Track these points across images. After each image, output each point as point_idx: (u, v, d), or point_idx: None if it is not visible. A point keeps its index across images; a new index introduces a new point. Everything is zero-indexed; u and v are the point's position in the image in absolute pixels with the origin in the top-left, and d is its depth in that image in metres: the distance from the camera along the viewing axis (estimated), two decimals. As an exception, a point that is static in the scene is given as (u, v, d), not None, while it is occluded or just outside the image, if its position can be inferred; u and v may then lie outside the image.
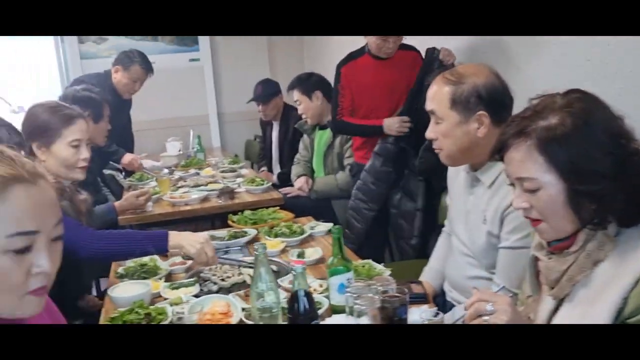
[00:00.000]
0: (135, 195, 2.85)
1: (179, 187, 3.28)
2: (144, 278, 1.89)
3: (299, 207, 3.07)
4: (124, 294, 1.71)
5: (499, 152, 1.24)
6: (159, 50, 4.87)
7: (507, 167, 1.23)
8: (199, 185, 3.27)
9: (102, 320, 1.59)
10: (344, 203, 3.20)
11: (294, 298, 1.25)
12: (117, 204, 2.81)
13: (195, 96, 5.05)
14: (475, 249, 1.74)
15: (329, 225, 2.38)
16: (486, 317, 1.14)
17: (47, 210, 0.96)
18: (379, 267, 1.86)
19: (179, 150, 4.21)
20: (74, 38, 4.67)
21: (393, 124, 2.74)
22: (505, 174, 1.25)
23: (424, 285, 1.81)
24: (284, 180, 3.77)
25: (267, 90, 3.95)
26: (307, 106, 3.38)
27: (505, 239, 1.64)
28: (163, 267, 1.99)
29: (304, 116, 3.42)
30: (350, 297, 1.42)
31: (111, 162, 3.70)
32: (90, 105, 2.84)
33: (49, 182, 0.99)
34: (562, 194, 1.15)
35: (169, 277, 1.95)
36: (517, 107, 1.41)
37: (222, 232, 2.35)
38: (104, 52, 4.68)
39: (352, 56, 2.99)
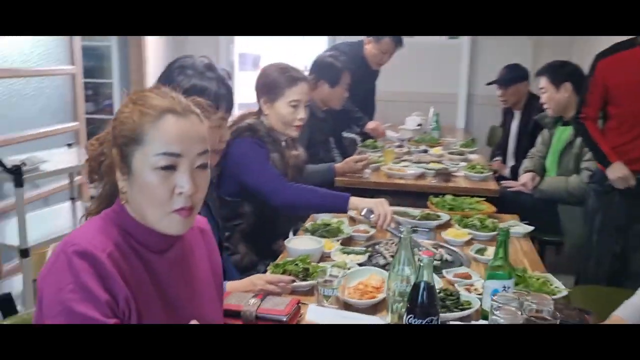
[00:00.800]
0: (354, 160, 3.00)
1: (402, 161, 3.35)
2: (323, 237, 2.02)
3: (517, 204, 2.88)
4: (297, 246, 1.86)
5: None
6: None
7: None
8: (422, 162, 3.29)
9: (270, 267, 1.75)
10: (575, 212, 2.89)
11: (415, 288, 1.22)
12: (337, 165, 3.00)
13: (447, 74, 5.01)
14: None
15: (529, 228, 2.21)
16: None
17: (193, 140, 1.09)
18: (557, 284, 1.68)
19: (418, 125, 4.26)
20: None
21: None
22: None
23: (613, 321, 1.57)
24: (517, 174, 3.55)
25: (510, 74, 3.73)
26: (552, 96, 3.09)
27: None
28: (346, 230, 2.09)
29: (545, 106, 3.14)
30: (493, 304, 1.32)
31: (353, 127, 3.94)
32: (329, 70, 3.08)
33: (202, 119, 1.14)
34: None
35: (348, 241, 2.05)
36: None
37: (416, 211, 2.35)
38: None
39: (616, 48, 2.60)
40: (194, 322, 1.10)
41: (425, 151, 3.71)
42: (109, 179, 1.15)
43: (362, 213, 2.02)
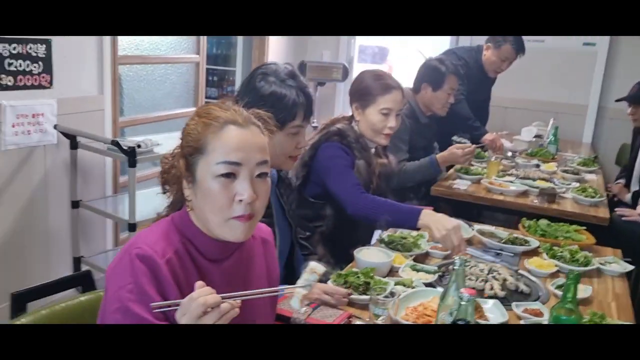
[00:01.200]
0: (458, 148, 2.91)
1: (507, 174, 3.19)
2: (397, 250, 1.99)
3: (629, 235, 2.63)
4: (364, 257, 1.85)
5: None
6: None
7: None
8: (528, 179, 3.10)
9: (332, 276, 1.76)
10: None
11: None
12: (439, 155, 2.93)
13: (577, 83, 4.65)
14: None
15: (628, 267, 2.01)
16: None
17: (252, 149, 1.14)
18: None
19: (534, 137, 4.01)
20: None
21: None
22: None
23: None
24: (638, 201, 3.23)
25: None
26: None
27: None
28: (423, 246, 2.04)
29: None
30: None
31: (467, 135, 3.78)
32: (433, 74, 3.01)
33: (262, 130, 1.19)
34: None
35: (423, 258, 2.00)
36: None
37: (503, 233, 2.24)
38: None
39: None
40: None
41: (537, 166, 3.49)
42: (177, 188, 1.23)
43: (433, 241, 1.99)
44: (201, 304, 0.99)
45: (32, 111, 2.81)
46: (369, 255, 1.87)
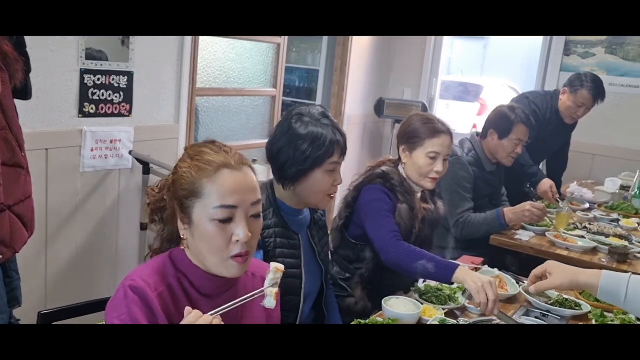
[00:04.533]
0: (530, 205, 2.78)
1: (578, 228, 2.99)
2: (430, 302, 1.92)
3: None
4: (391, 307, 1.80)
5: None
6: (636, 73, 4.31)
7: None
8: (601, 235, 2.90)
9: (354, 322, 1.72)
10: None
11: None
12: (506, 210, 2.81)
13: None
14: None
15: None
16: None
17: (246, 191, 1.20)
18: None
19: (618, 189, 3.74)
20: (561, 47, 4.60)
21: None
22: None
23: None
24: None
25: None
26: None
27: None
28: (459, 300, 1.96)
29: None
30: None
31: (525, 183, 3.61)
32: (501, 121, 2.91)
33: (254, 170, 1.24)
34: None
35: (457, 312, 1.92)
36: None
37: (553, 293, 2.09)
38: (586, 67, 4.47)
39: None
40: None
41: (617, 221, 3.25)
42: (170, 226, 1.29)
43: (465, 295, 1.91)
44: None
45: (111, 137, 3.03)
46: (398, 306, 1.82)
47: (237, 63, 3.80)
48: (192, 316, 1.07)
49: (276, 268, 1.26)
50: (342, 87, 4.83)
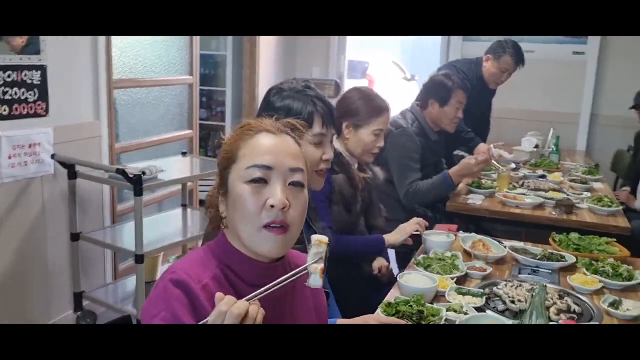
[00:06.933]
0: (473, 159, 2.87)
1: (519, 187, 3.15)
2: (438, 273, 1.91)
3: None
4: (410, 283, 1.76)
5: None
6: (543, 40, 4.64)
7: None
8: (540, 190, 3.07)
9: (381, 306, 1.66)
10: None
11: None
12: (452, 170, 2.87)
13: (569, 92, 4.68)
14: None
15: (671, 280, 1.96)
16: None
17: (284, 154, 1.11)
18: None
19: (535, 147, 4.00)
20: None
21: None
22: None
23: None
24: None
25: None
26: None
27: None
28: (460, 267, 1.97)
29: None
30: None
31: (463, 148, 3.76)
32: (440, 89, 2.98)
33: (298, 141, 1.16)
34: None
35: (463, 280, 1.93)
36: None
37: (536, 249, 2.18)
38: (485, 36, 4.69)
39: None
40: None
41: (543, 177, 3.47)
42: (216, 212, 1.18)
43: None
44: (236, 316, 0.91)
45: (29, 141, 2.67)
46: (414, 281, 1.79)
47: (151, 51, 3.52)
48: (224, 303, 0.93)
49: (319, 241, 1.15)
50: (254, 70, 4.68)
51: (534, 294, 1.25)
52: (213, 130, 5.22)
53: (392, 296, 1.75)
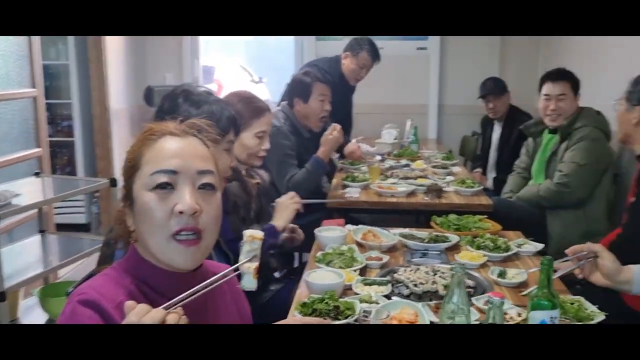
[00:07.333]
0: (327, 134, 2.97)
1: (388, 177, 3.29)
2: (340, 267, 1.92)
3: (514, 217, 2.85)
4: (319, 280, 1.75)
5: None
6: (388, 36, 4.90)
7: None
8: (409, 178, 3.24)
9: (294, 304, 1.65)
10: (563, 217, 2.91)
11: (485, 332, 1.14)
12: (319, 152, 2.96)
13: (417, 85, 5.01)
14: None
15: (539, 246, 2.18)
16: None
17: (191, 156, 1.04)
18: (592, 308, 1.64)
19: (395, 139, 4.22)
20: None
21: None
22: None
23: None
24: (499, 186, 3.56)
25: (499, 85, 3.77)
26: (570, 105, 3.03)
27: None
28: (359, 259, 2.00)
29: (555, 114, 2.99)
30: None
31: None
32: (299, 86, 3.05)
33: (205, 142, 1.10)
34: None
35: (363, 271, 1.96)
36: None
37: (422, 233, 2.29)
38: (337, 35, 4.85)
39: None
40: None
41: (407, 165, 3.67)
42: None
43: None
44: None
45: None
46: (321, 278, 1.78)
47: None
48: (134, 313, 0.84)
49: (252, 236, 1.09)
50: (102, 79, 4.36)
51: (453, 273, 1.30)
52: (59, 147, 4.77)
53: (301, 296, 1.73)
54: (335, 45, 4.46)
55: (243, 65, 10.15)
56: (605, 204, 2.93)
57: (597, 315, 1.60)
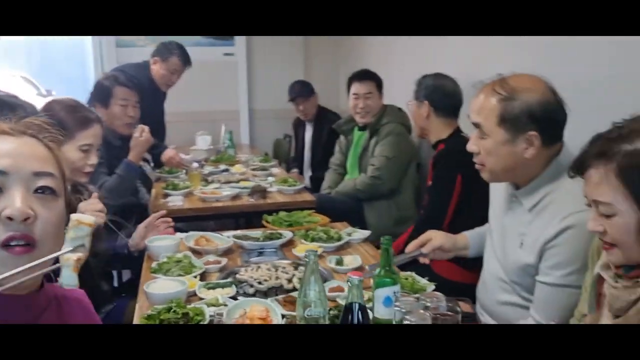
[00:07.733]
0: (136, 136, 2.82)
1: (210, 183, 3.24)
2: (179, 275, 1.83)
3: (336, 209, 2.98)
4: (161, 290, 1.65)
5: (578, 169, 1.18)
6: (194, 42, 4.78)
7: (585, 187, 1.17)
8: (231, 182, 3.22)
9: (137, 317, 1.53)
10: (379, 207, 3.14)
11: (348, 311, 1.18)
12: (130, 157, 2.78)
13: (227, 91, 5.01)
14: (509, 273, 1.66)
15: (366, 233, 2.31)
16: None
17: (24, 157, 0.93)
18: (423, 281, 1.79)
19: (210, 145, 4.16)
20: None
21: None
22: (583, 192, 1.18)
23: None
24: (316, 183, 3.71)
25: (306, 88, 3.93)
26: (376, 103, 3.25)
27: (546, 273, 1.54)
28: (197, 264, 1.93)
29: (364, 112, 3.22)
30: (399, 311, 1.34)
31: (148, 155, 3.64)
32: (98, 91, 2.92)
33: (43, 141, 0.98)
34: (638, 223, 1.09)
35: (203, 276, 1.90)
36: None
37: (256, 233, 2.28)
38: (140, 41, 4.64)
39: None
40: None
41: (227, 170, 3.64)
42: None
43: None
44: None
45: None
46: (162, 288, 1.67)
47: None
48: None
49: (78, 221, 0.97)
50: None
51: (308, 260, 1.32)
52: None
53: (142, 309, 1.61)
54: (137, 52, 4.27)
55: (28, 77, 9.19)
56: (412, 192, 3.23)
57: (428, 285, 1.76)
